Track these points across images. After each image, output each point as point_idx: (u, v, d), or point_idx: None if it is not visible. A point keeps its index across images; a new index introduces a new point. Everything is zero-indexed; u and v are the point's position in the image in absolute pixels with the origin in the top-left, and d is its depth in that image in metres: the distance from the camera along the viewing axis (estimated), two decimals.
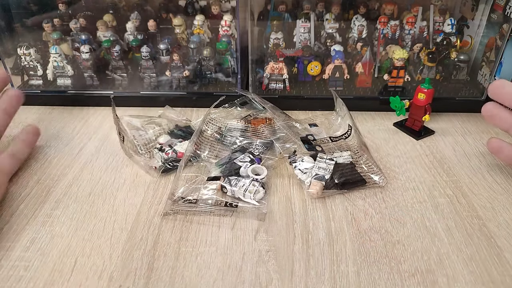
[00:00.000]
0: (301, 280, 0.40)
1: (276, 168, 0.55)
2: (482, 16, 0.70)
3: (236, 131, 0.60)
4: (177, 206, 0.48)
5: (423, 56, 0.70)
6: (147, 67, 0.71)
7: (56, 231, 0.45)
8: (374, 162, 0.55)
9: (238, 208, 0.48)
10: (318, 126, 0.63)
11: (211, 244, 0.44)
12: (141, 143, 0.59)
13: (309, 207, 0.49)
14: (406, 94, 0.70)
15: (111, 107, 0.56)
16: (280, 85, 0.70)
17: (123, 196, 0.51)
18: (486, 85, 0.69)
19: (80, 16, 0.74)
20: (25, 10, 0.73)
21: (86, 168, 0.56)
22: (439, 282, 0.39)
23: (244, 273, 0.40)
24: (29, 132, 0.58)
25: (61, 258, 0.42)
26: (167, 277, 0.40)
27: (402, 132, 0.65)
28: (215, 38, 0.74)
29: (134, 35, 0.73)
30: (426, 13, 0.71)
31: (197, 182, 0.52)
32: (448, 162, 0.57)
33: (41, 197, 0.50)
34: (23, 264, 0.41)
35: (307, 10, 0.73)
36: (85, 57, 0.71)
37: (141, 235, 0.45)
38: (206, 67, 0.71)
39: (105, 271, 0.40)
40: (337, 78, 0.70)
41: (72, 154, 0.59)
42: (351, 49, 0.72)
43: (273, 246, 0.43)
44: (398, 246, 0.43)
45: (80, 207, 0.49)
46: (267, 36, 0.72)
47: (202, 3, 0.76)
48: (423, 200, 0.50)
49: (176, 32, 0.72)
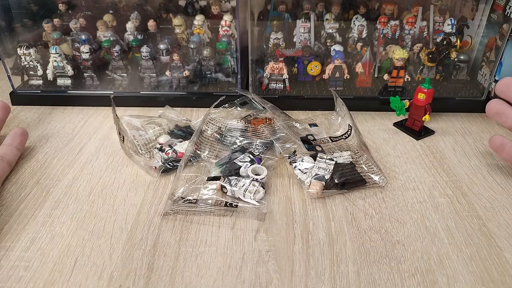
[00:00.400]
0: (301, 280, 0.40)
1: (276, 168, 0.55)
2: (482, 16, 0.70)
3: (236, 131, 0.60)
4: (177, 206, 0.48)
5: (423, 56, 0.70)
6: (147, 67, 0.71)
7: (56, 231, 0.45)
8: (374, 162, 0.55)
9: (238, 208, 0.48)
10: (318, 126, 0.63)
11: (211, 244, 0.44)
12: (141, 143, 0.59)
13: (309, 207, 0.49)
14: (406, 94, 0.70)
15: (111, 107, 0.56)
16: (280, 85, 0.70)
17: (123, 196, 0.51)
18: (486, 85, 0.69)
19: (80, 16, 0.74)
20: (25, 10, 0.73)
21: (86, 168, 0.56)
22: (439, 282, 0.39)
23: (244, 273, 0.40)
24: (16, 135, 0.57)
25: (61, 258, 0.42)
26: (167, 277, 0.40)
27: (402, 132, 0.65)
28: (215, 38, 0.74)
29: (134, 35, 0.73)
30: (426, 13, 0.71)
31: (197, 182, 0.52)
32: (448, 162, 0.57)
33: (41, 197, 0.50)
34: (23, 264, 0.41)
35: (307, 10, 0.73)
36: (85, 57, 0.71)
37: (141, 235, 0.45)
38: (206, 67, 0.71)
39: (105, 271, 0.40)
40: (337, 78, 0.70)
41: (72, 154, 0.59)
42: (351, 49, 0.72)
43: (273, 246, 0.43)
44: (398, 246, 0.43)
45: (80, 207, 0.49)
46: (267, 36, 0.72)
47: (202, 3, 0.76)
48: (423, 200, 0.50)
49: (176, 32, 0.72)
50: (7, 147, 0.55)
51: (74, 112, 0.70)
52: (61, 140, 0.62)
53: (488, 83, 0.69)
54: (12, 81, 0.72)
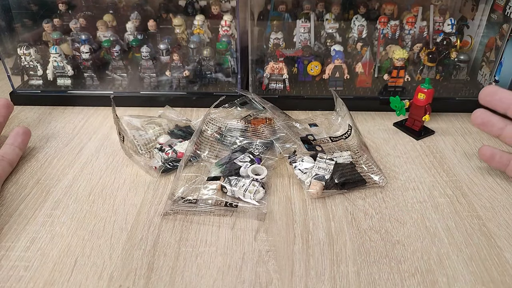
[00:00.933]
0: (301, 280, 0.40)
1: (276, 168, 0.55)
2: (482, 16, 0.70)
3: (236, 131, 0.60)
4: (177, 206, 0.48)
5: (423, 56, 0.70)
6: (147, 67, 0.71)
7: (56, 231, 0.45)
8: (374, 162, 0.55)
9: (238, 208, 0.48)
10: (318, 126, 0.63)
11: (211, 244, 0.44)
12: (141, 143, 0.59)
13: (309, 207, 0.49)
14: (406, 94, 0.70)
15: (111, 107, 0.56)
16: (280, 85, 0.70)
17: (123, 196, 0.51)
18: (486, 85, 0.69)
19: (80, 16, 0.74)
20: (25, 10, 0.73)
21: (86, 168, 0.56)
22: (439, 282, 0.39)
23: (244, 273, 0.40)
24: (18, 134, 0.57)
25: (61, 258, 0.42)
26: (167, 277, 0.40)
27: (402, 132, 0.65)
28: (215, 38, 0.74)
29: (134, 35, 0.73)
30: (426, 13, 0.71)
31: (197, 182, 0.52)
32: (448, 162, 0.57)
33: (41, 197, 0.50)
34: (23, 264, 0.41)
35: (307, 10, 0.73)
36: (85, 57, 0.71)
37: (141, 235, 0.45)
38: (206, 67, 0.71)
39: (105, 271, 0.40)
40: (337, 78, 0.70)
41: (72, 154, 0.59)
42: (351, 49, 0.72)
43: (273, 246, 0.43)
44: (398, 246, 0.43)
45: (80, 207, 0.49)
46: (267, 36, 0.72)
47: (202, 3, 0.76)
48: (423, 200, 0.50)
49: (176, 32, 0.72)
50: (8, 146, 0.55)
51: (74, 112, 0.70)
52: (61, 140, 0.62)
53: (488, 83, 0.69)
54: (12, 81, 0.72)
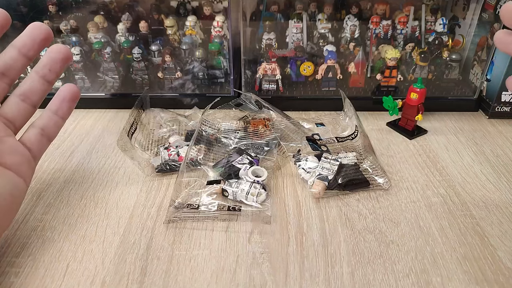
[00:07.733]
0: (296, 282, 0.39)
1: (270, 170, 0.55)
2: (473, 15, 0.70)
3: (233, 133, 0.59)
4: (181, 213, 0.47)
5: (415, 55, 0.70)
6: (138, 68, 0.70)
7: (47, 236, 0.45)
8: (378, 165, 0.55)
9: (241, 212, 0.47)
10: (325, 126, 0.63)
11: (204, 247, 0.43)
12: (154, 139, 0.59)
13: (303, 209, 0.48)
14: (399, 93, 0.70)
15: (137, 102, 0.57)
16: (273, 85, 0.70)
17: (115, 200, 0.50)
18: (478, 84, 0.69)
19: (70, 17, 0.73)
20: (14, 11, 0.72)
21: (78, 171, 0.55)
22: (433, 282, 0.39)
23: (238, 276, 0.40)
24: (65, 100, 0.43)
25: (52, 263, 0.41)
26: (161, 281, 0.39)
27: (395, 131, 0.65)
28: (207, 39, 0.73)
29: (126, 36, 0.73)
30: (418, 13, 0.71)
31: (196, 187, 0.51)
32: (441, 161, 0.57)
33: (32, 201, 0.50)
34: (14, 270, 0.41)
35: (299, 11, 0.73)
36: (75, 59, 0.70)
37: (133, 238, 0.44)
38: (198, 68, 0.71)
39: (97, 276, 0.40)
40: (330, 78, 0.70)
41: (63, 157, 0.58)
42: (344, 49, 0.72)
43: (267, 248, 0.43)
44: (392, 246, 0.43)
45: (72, 211, 0.48)
46: (259, 37, 0.72)
47: (194, 4, 0.75)
48: (417, 200, 0.50)
49: (168, 33, 0.72)
50: (51, 115, 0.44)
51: None
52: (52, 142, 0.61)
53: (480, 82, 0.69)
54: None
